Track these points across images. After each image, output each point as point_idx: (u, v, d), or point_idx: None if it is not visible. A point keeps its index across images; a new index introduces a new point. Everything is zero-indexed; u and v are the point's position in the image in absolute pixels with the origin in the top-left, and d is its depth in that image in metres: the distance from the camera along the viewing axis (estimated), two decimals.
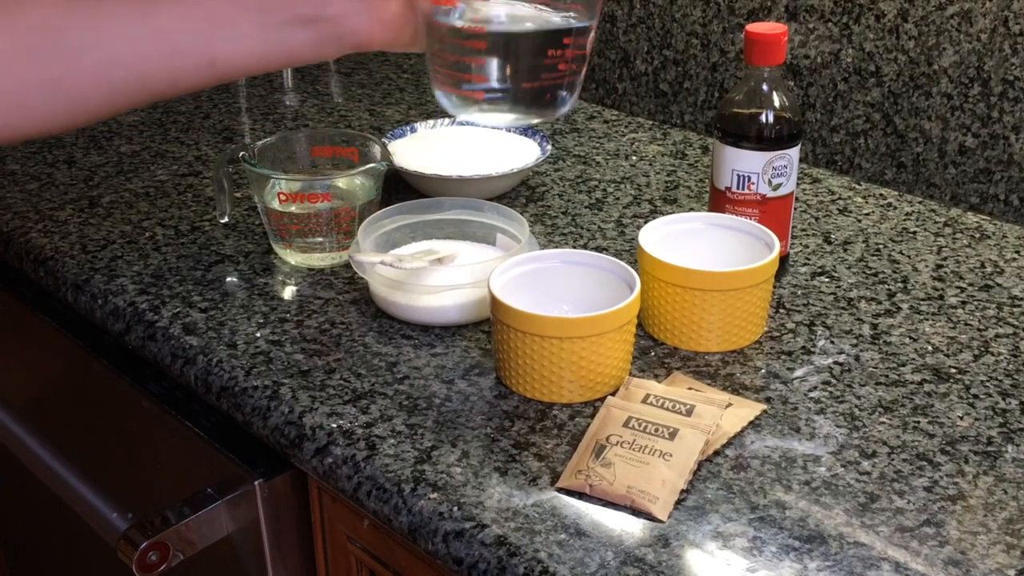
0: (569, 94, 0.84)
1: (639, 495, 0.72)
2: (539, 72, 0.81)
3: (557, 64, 0.81)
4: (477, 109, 0.83)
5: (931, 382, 0.86)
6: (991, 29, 1.10)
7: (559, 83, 0.82)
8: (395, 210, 1.00)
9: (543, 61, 0.81)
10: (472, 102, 0.82)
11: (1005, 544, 0.69)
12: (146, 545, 0.88)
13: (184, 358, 0.92)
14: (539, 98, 0.83)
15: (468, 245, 1.00)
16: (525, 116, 0.84)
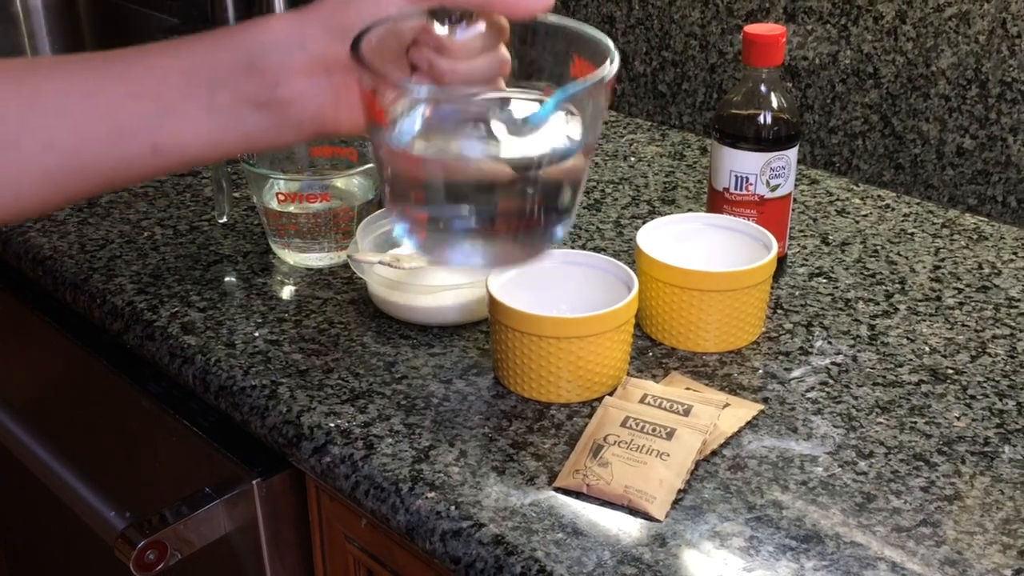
0: (542, 238, 0.62)
1: (636, 495, 0.72)
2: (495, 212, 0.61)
3: (523, 203, 0.60)
4: (419, 247, 0.63)
5: (928, 383, 0.86)
6: (989, 31, 1.10)
7: (526, 226, 0.61)
8: None
9: (502, 199, 0.60)
10: (413, 238, 0.62)
11: (1001, 544, 0.70)
12: (144, 544, 0.88)
13: (182, 357, 0.92)
14: (498, 236, 0.62)
15: None
16: (482, 256, 0.62)
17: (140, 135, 0.60)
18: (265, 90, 0.60)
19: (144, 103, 0.60)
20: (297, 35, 0.60)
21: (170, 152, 0.61)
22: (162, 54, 0.61)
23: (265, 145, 0.64)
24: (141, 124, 0.60)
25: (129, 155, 0.61)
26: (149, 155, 0.61)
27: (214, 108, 0.60)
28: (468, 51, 0.61)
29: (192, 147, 0.62)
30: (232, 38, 0.61)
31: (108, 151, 0.61)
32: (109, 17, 2.17)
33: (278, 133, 0.63)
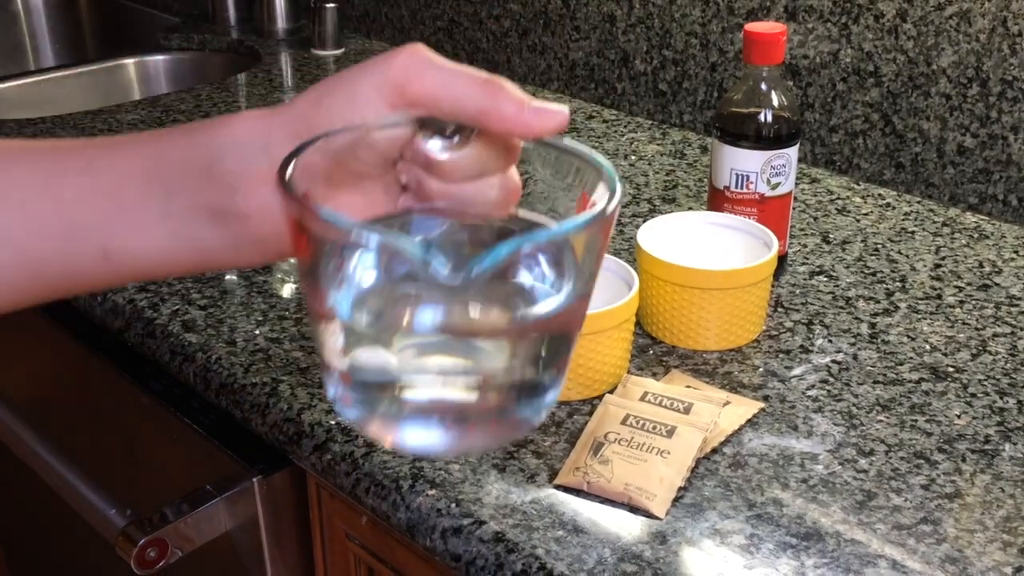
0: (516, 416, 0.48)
1: (637, 492, 0.72)
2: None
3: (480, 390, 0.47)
4: (356, 424, 0.49)
5: (929, 381, 0.86)
6: (990, 29, 1.10)
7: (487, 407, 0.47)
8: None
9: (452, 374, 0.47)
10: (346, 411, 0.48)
11: (1002, 542, 0.70)
12: (145, 542, 0.89)
13: (183, 355, 0.92)
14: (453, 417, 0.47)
15: None
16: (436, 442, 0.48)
17: (93, 236, 0.54)
18: (222, 199, 0.52)
19: (101, 201, 0.54)
20: (260, 137, 0.51)
21: (120, 259, 0.55)
22: (127, 148, 0.55)
23: (225, 263, 0.56)
24: (95, 223, 0.54)
25: (80, 257, 0.55)
26: (99, 260, 0.55)
27: (168, 215, 0.53)
28: (465, 171, 0.50)
29: (143, 256, 0.55)
30: (194, 135, 0.53)
31: (59, 250, 0.55)
32: (110, 16, 2.17)
33: (236, 250, 0.54)
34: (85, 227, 0.54)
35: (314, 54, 1.71)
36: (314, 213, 0.43)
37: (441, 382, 0.47)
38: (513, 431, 0.49)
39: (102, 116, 1.44)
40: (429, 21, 1.69)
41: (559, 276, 0.47)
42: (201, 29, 1.86)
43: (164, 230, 0.54)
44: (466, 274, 0.42)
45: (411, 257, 0.43)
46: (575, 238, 0.45)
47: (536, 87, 1.55)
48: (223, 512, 0.92)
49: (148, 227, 0.54)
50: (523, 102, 0.47)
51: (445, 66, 0.49)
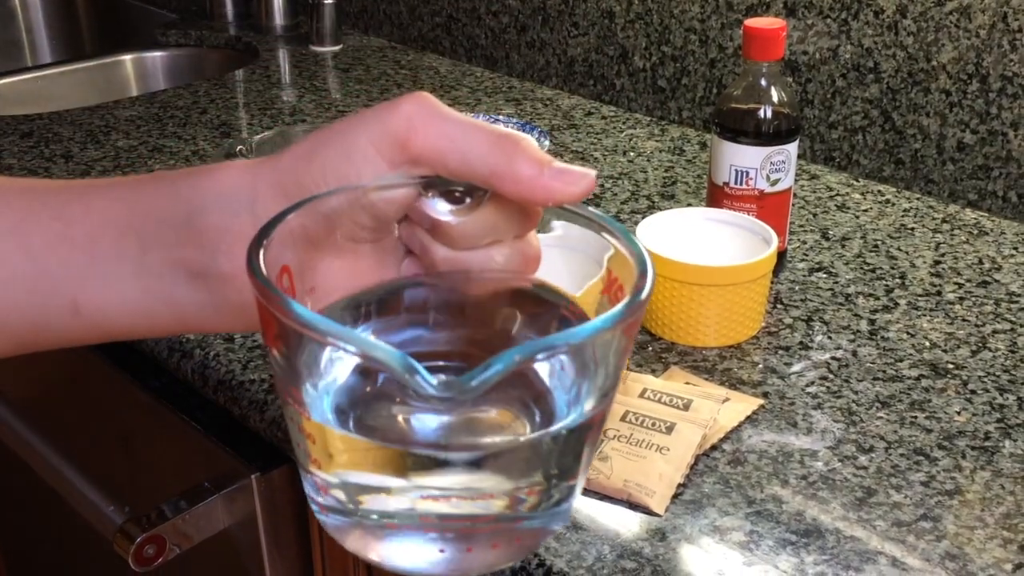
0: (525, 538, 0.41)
1: (636, 489, 0.72)
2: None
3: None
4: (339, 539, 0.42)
5: (928, 377, 0.86)
6: (990, 25, 1.09)
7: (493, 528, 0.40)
8: None
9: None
10: (318, 510, 0.42)
11: (1002, 539, 0.69)
12: (143, 539, 0.88)
13: (181, 352, 0.91)
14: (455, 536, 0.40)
15: None
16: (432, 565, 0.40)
17: (62, 287, 0.50)
18: (202, 257, 0.47)
19: (73, 250, 0.50)
20: (246, 192, 0.46)
21: (90, 314, 0.50)
22: (104, 193, 0.50)
23: (203, 326, 0.51)
24: (65, 274, 0.50)
25: (48, 310, 0.51)
26: (69, 313, 0.51)
27: (143, 270, 0.48)
28: (475, 236, 0.44)
29: (115, 313, 0.50)
30: (175, 183, 0.48)
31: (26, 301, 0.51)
32: (107, 12, 2.16)
33: (216, 313, 0.49)
34: (54, 277, 0.50)
35: (312, 50, 1.70)
36: (286, 310, 0.37)
37: (435, 495, 0.39)
38: (521, 548, 0.42)
39: (99, 112, 1.44)
40: (427, 17, 1.69)
41: (580, 374, 0.40)
42: (199, 25, 1.86)
43: (138, 286, 0.49)
44: (457, 392, 0.35)
45: (392, 371, 0.35)
46: (603, 337, 0.38)
47: (534, 83, 1.55)
48: (221, 509, 0.92)
49: (121, 282, 0.49)
50: (542, 163, 0.41)
51: (453, 118, 0.43)
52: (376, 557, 0.40)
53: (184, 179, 0.48)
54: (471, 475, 0.39)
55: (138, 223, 0.48)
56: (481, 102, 1.46)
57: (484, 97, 1.49)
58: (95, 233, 0.49)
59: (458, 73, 1.60)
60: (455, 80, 1.57)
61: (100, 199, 0.50)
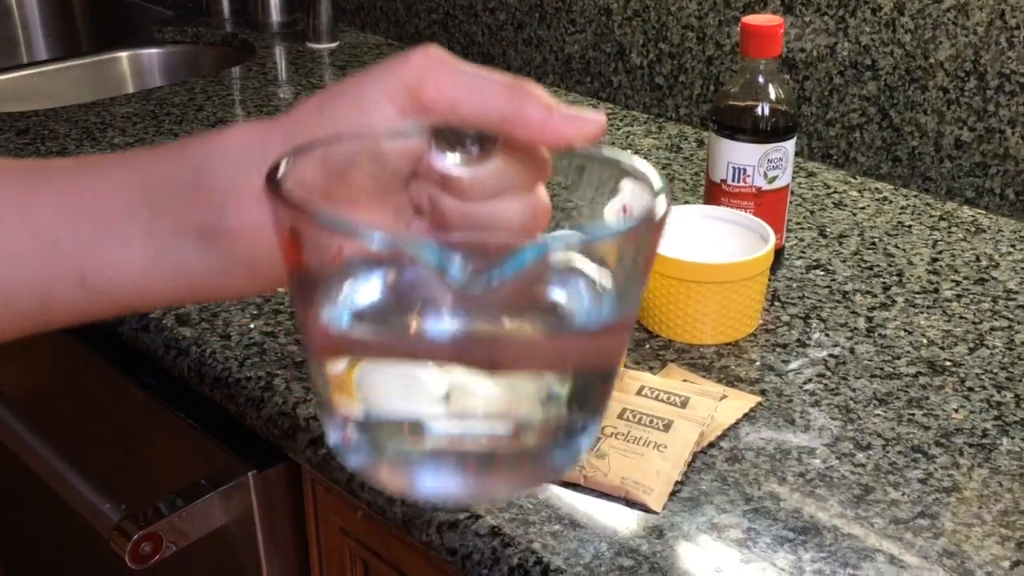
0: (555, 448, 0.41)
1: (633, 486, 0.72)
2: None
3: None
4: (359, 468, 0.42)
5: (926, 375, 0.86)
6: (988, 22, 1.09)
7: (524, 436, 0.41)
8: None
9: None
10: (350, 456, 0.42)
11: (1000, 536, 0.69)
12: (139, 536, 0.88)
13: (177, 349, 0.91)
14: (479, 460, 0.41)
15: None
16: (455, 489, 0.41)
17: (71, 258, 0.50)
18: (210, 217, 0.47)
19: (81, 221, 0.50)
20: (255, 148, 0.46)
21: (97, 283, 0.50)
22: (114, 164, 0.51)
23: (213, 289, 0.51)
24: (75, 244, 0.50)
25: (57, 284, 0.50)
26: (75, 284, 0.50)
27: (151, 235, 0.49)
28: (486, 188, 0.44)
29: (122, 280, 0.50)
30: (184, 149, 0.49)
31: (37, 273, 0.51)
32: (103, 9, 2.16)
33: (225, 274, 0.49)
34: (62, 250, 0.50)
35: (308, 47, 1.70)
36: (309, 214, 0.38)
37: (460, 415, 0.40)
38: (540, 478, 0.43)
39: (95, 109, 1.44)
40: (424, 14, 1.68)
41: (597, 297, 0.40)
42: (195, 22, 1.85)
43: (146, 251, 0.49)
44: (487, 280, 0.36)
45: (424, 260, 0.37)
46: (616, 245, 0.39)
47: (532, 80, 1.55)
48: (218, 507, 0.92)
49: (128, 248, 0.49)
50: (552, 107, 0.43)
51: (464, 68, 0.44)
52: (402, 490, 0.42)
53: (194, 142, 0.48)
54: (494, 391, 0.40)
55: (147, 190, 0.49)
56: None
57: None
58: (103, 203, 0.49)
59: None
60: None
61: (109, 170, 0.50)
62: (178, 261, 0.49)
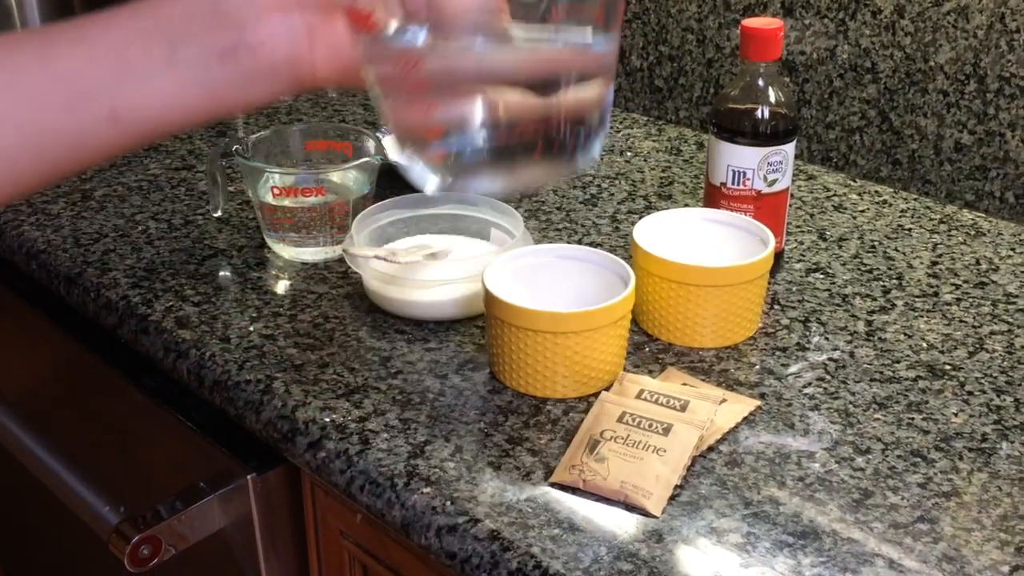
0: (577, 148, 0.61)
1: (633, 490, 0.72)
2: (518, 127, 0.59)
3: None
4: (443, 173, 0.60)
5: (926, 379, 0.86)
6: (987, 25, 1.09)
7: (553, 136, 0.59)
8: (389, 204, 1.00)
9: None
10: (434, 165, 0.60)
11: (999, 540, 0.69)
12: (138, 539, 0.88)
13: (177, 352, 0.91)
14: (523, 156, 0.60)
15: (462, 240, 1.00)
16: (509, 179, 0.61)
17: (98, 99, 0.55)
18: (231, 35, 0.54)
19: (102, 65, 0.55)
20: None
21: (129, 117, 0.56)
22: (121, 15, 0.57)
23: (236, 101, 0.57)
24: (99, 87, 0.55)
25: (86, 123, 0.56)
26: (108, 122, 0.56)
27: (175, 64, 0.55)
28: None
29: (152, 109, 0.56)
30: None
31: (64, 121, 0.55)
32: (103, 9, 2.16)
33: (247, 84, 0.56)
34: (87, 93, 0.55)
35: None
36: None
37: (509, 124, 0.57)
38: (567, 171, 0.61)
39: None
40: None
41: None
42: None
43: (171, 79, 0.55)
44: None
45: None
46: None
47: None
48: (217, 510, 0.92)
49: (155, 79, 0.55)
50: None
51: None
52: (465, 184, 0.59)
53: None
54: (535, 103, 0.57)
55: (164, 28, 0.55)
56: None
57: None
58: (120, 47, 0.55)
59: None
60: None
61: (119, 20, 0.56)
62: (203, 82, 0.55)
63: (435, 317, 0.93)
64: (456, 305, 0.92)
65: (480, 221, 1.00)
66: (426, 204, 1.01)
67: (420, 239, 1.00)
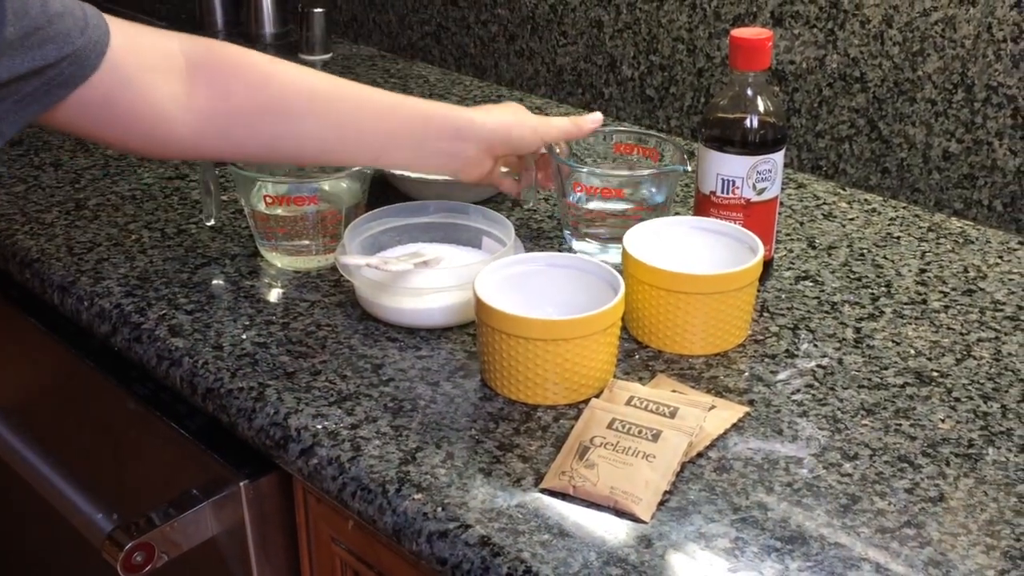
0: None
1: (622, 496, 0.72)
2: None
3: None
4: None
5: (913, 385, 0.86)
6: (975, 35, 1.10)
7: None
8: (381, 213, 1.01)
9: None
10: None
11: (985, 545, 0.70)
12: (131, 546, 0.88)
13: (170, 360, 0.92)
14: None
15: (454, 248, 1.00)
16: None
17: (372, 150, 0.97)
18: (456, 148, 0.98)
19: (383, 136, 0.96)
20: (501, 131, 0.99)
21: (381, 162, 1.01)
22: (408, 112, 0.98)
23: (449, 173, 1.02)
24: (375, 145, 0.97)
25: (359, 157, 0.99)
26: (371, 160, 1.00)
27: (417, 149, 0.97)
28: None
29: (395, 164, 1.04)
30: (452, 115, 0.99)
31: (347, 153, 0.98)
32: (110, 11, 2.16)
33: (453, 172, 1.00)
34: (366, 145, 0.97)
35: (302, 59, 1.71)
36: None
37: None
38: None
39: None
40: (417, 26, 1.69)
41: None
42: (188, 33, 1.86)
43: (411, 155, 0.98)
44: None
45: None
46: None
47: (523, 92, 1.56)
48: (210, 516, 0.92)
49: (401, 152, 0.98)
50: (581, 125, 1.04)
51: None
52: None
53: (461, 114, 0.99)
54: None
55: (420, 133, 0.97)
56: None
57: (473, 106, 1.49)
58: (395, 128, 0.96)
59: (447, 82, 1.61)
60: (444, 89, 1.57)
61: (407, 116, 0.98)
62: (428, 163, 1.01)
63: (427, 325, 0.93)
64: (447, 313, 0.92)
65: (471, 229, 1.01)
66: (418, 213, 1.02)
67: (412, 247, 1.00)
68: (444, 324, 0.93)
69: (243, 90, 0.91)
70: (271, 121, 0.92)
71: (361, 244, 0.98)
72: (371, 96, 0.96)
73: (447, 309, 0.92)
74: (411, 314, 0.93)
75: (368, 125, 0.95)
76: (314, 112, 0.93)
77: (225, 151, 0.94)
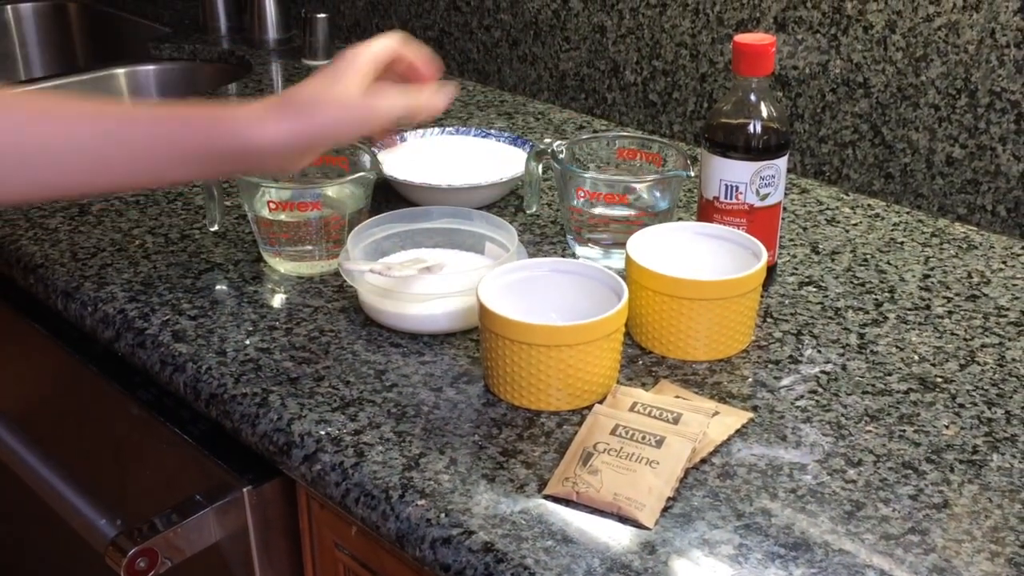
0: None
1: (626, 502, 0.72)
2: None
3: None
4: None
5: (917, 391, 0.86)
6: (978, 40, 1.10)
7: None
8: (384, 219, 1.01)
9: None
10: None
11: (989, 552, 0.70)
12: (134, 552, 0.88)
13: (173, 365, 0.92)
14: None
15: (457, 254, 1.00)
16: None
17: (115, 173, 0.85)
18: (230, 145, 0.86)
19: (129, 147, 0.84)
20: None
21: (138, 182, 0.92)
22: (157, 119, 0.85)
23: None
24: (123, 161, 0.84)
25: (100, 178, 0.85)
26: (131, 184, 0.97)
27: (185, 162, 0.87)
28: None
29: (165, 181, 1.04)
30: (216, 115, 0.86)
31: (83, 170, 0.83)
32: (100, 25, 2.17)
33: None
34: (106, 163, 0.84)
35: (305, 64, 1.71)
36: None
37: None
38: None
39: None
40: (420, 31, 1.69)
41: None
42: (192, 39, 1.86)
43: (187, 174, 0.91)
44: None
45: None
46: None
47: (526, 97, 1.56)
48: (213, 522, 0.92)
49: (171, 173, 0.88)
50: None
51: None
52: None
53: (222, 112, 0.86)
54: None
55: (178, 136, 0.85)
56: (473, 116, 1.47)
57: (476, 111, 1.49)
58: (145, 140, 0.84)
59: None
60: None
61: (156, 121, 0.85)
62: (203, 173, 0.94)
63: (430, 330, 0.93)
64: (451, 318, 0.92)
65: (475, 235, 1.01)
66: (421, 218, 1.02)
67: (415, 253, 1.00)
68: (447, 330, 0.93)
69: None
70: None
71: (364, 250, 0.98)
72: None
73: (450, 315, 0.92)
74: (414, 320, 0.93)
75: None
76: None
77: None
